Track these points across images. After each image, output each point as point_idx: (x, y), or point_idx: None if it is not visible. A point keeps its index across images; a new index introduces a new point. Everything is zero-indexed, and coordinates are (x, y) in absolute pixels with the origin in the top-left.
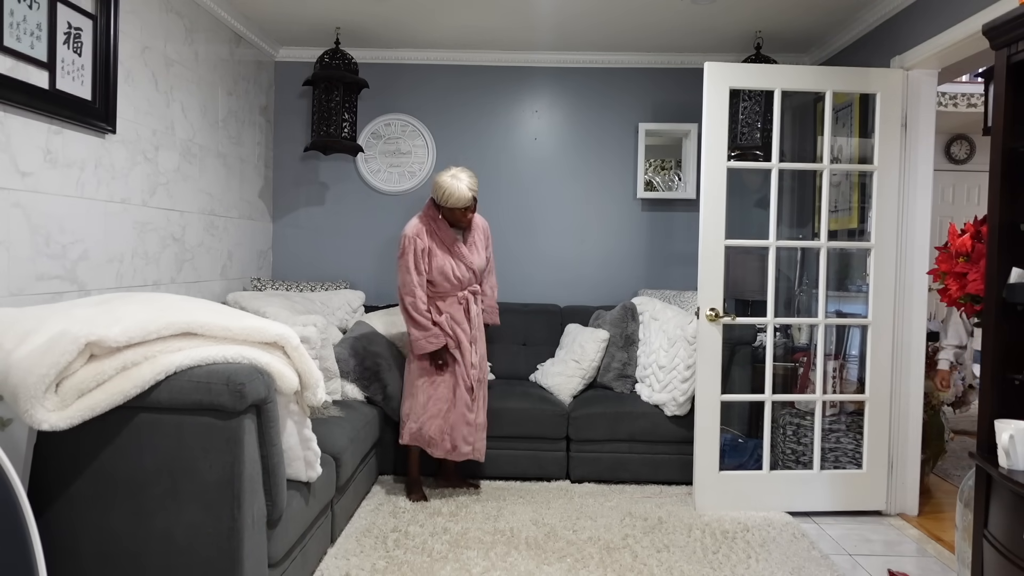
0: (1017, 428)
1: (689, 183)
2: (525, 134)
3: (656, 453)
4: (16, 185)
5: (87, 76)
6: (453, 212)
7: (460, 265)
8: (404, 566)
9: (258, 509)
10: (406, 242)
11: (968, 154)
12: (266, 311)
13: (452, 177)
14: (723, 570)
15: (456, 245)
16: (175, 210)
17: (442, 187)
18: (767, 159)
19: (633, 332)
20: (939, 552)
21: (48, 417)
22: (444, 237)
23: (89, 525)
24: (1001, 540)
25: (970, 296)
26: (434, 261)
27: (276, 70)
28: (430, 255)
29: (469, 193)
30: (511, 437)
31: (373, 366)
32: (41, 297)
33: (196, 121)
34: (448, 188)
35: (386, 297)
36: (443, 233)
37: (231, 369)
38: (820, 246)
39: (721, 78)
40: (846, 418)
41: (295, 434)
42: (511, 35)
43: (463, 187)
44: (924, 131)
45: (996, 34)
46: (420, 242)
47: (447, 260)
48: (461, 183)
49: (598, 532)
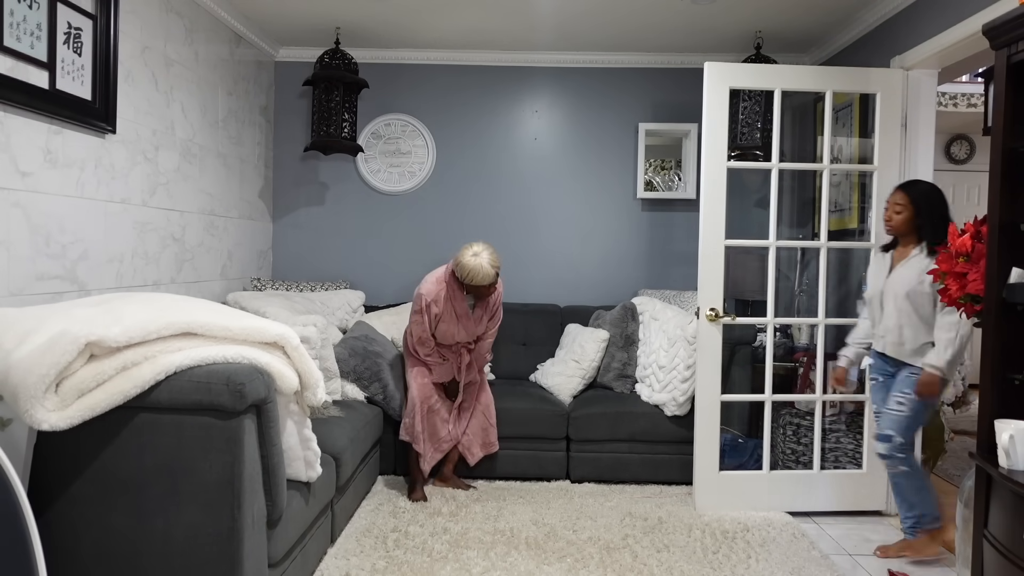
0: (1017, 428)
1: (689, 183)
2: (525, 134)
3: (656, 453)
4: (16, 185)
5: (87, 76)
6: (477, 289)
7: (462, 331)
8: (404, 566)
9: (258, 509)
10: (422, 303)
11: (968, 154)
12: (266, 311)
13: (474, 256)
14: (723, 570)
15: (467, 318)
16: (175, 210)
17: (465, 268)
18: (767, 159)
19: (633, 332)
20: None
21: (48, 417)
22: (458, 307)
23: (89, 525)
24: (1001, 540)
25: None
26: (441, 325)
27: (276, 70)
28: (439, 320)
29: (492, 271)
30: (511, 437)
31: (373, 366)
32: (41, 297)
33: (196, 121)
34: (470, 268)
35: (386, 297)
36: (458, 304)
37: (231, 369)
38: (820, 246)
39: (721, 78)
40: (846, 418)
41: (295, 434)
42: (511, 35)
43: (485, 265)
44: (924, 131)
45: (996, 34)
46: (435, 308)
47: (452, 325)
48: (483, 261)
49: (598, 532)
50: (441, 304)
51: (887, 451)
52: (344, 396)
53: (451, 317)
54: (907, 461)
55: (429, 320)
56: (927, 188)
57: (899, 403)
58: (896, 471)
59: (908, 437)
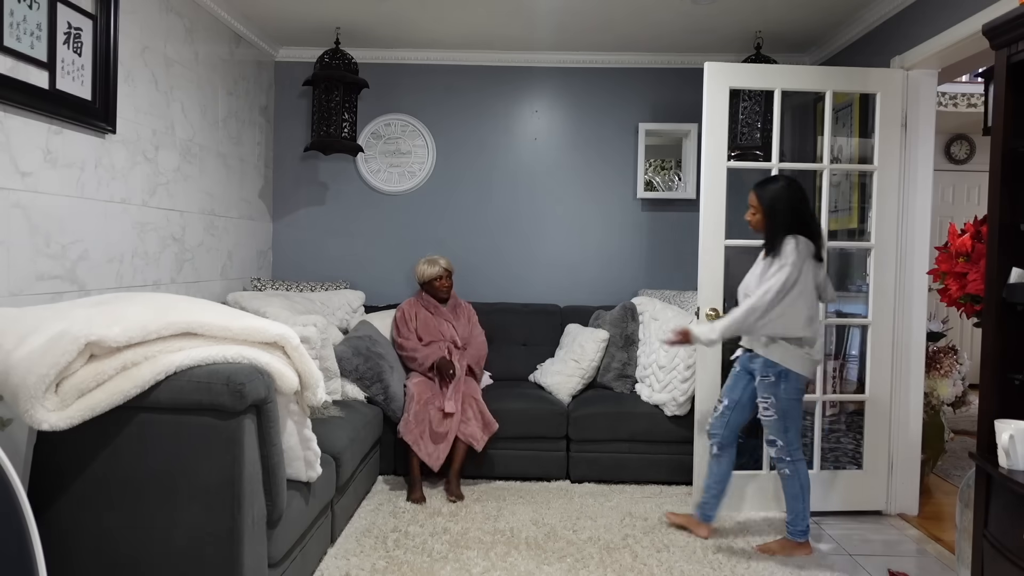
0: (1017, 428)
1: (689, 183)
2: (525, 134)
3: (656, 453)
4: (16, 185)
5: (87, 76)
6: (431, 284)
7: (445, 324)
8: (404, 566)
9: (258, 509)
10: (396, 314)
11: (968, 154)
12: (266, 311)
13: (426, 261)
14: (723, 570)
15: (439, 314)
16: (175, 210)
17: (418, 269)
18: (767, 159)
19: (633, 332)
20: (939, 552)
21: (48, 417)
22: (429, 307)
23: (89, 525)
24: (1001, 540)
25: (970, 296)
26: (420, 318)
27: (276, 70)
28: (417, 319)
29: (440, 267)
30: (511, 437)
31: (376, 367)
32: (41, 297)
33: (196, 121)
34: (422, 268)
35: (386, 297)
36: (429, 305)
37: (231, 369)
38: None
39: (721, 78)
40: (846, 418)
41: (295, 434)
42: (511, 35)
43: (436, 266)
44: (924, 131)
45: (996, 34)
46: (408, 311)
47: (432, 320)
48: (435, 264)
49: (598, 532)
50: (411, 308)
51: (775, 455)
52: (344, 396)
53: (426, 316)
54: (791, 466)
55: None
56: (775, 189)
57: (765, 409)
58: (781, 473)
59: (786, 438)
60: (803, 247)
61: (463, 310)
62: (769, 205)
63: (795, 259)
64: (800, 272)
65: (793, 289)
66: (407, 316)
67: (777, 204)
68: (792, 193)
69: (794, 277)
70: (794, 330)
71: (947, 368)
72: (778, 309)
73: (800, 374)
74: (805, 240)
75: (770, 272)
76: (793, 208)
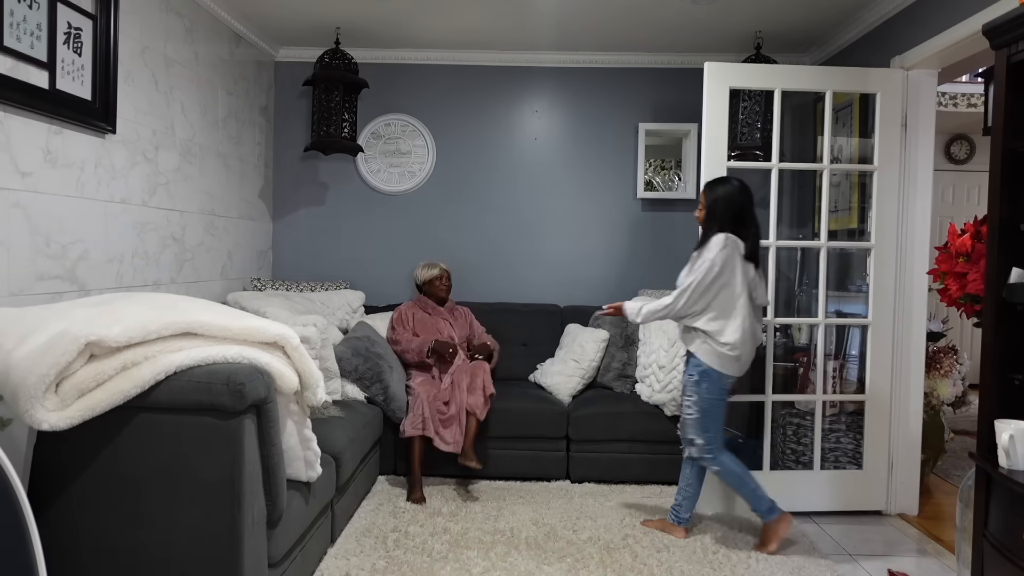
0: (1017, 428)
1: (689, 183)
2: (525, 134)
3: (656, 453)
4: (16, 185)
5: (87, 76)
6: (431, 284)
7: (442, 323)
8: (404, 566)
9: (258, 509)
10: (393, 315)
11: (968, 154)
12: (266, 311)
13: (424, 265)
14: (723, 570)
15: (437, 315)
16: (175, 210)
17: (416, 272)
18: (767, 159)
19: (633, 332)
20: (939, 552)
21: (48, 417)
22: (428, 308)
23: (89, 525)
24: (1001, 540)
25: (970, 296)
26: (417, 318)
27: (276, 70)
28: (415, 319)
29: (438, 270)
30: (511, 437)
31: (375, 367)
32: (41, 297)
33: (196, 121)
34: (419, 271)
35: (386, 297)
36: (427, 306)
37: (231, 369)
38: (820, 246)
39: (721, 78)
40: (846, 418)
41: (295, 434)
42: (511, 35)
43: (434, 268)
44: (924, 131)
45: (996, 34)
46: (406, 311)
47: (429, 319)
48: (433, 267)
49: (598, 532)
50: (409, 309)
51: (696, 454)
52: (344, 396)
53: (423, 316)
54: (716, 461)
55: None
56: (722, 192)
57: (687, 407)
58: (711, 471)
59: (707, 437)
60: (730, 244)
61: (460, 312)
62: (711, 203)
63: (717, 254)
64: (723, 268)
65: (715, 283)
66: (404, 316)
67: (718, 203)
68: (738, 195)
69: (715, 271)
70: (715, 327)
71: (947, 368)
72: (700, 303)
73: (723, 373)
74: (735, 239)
75: (696, 265)
76: (734, 209)
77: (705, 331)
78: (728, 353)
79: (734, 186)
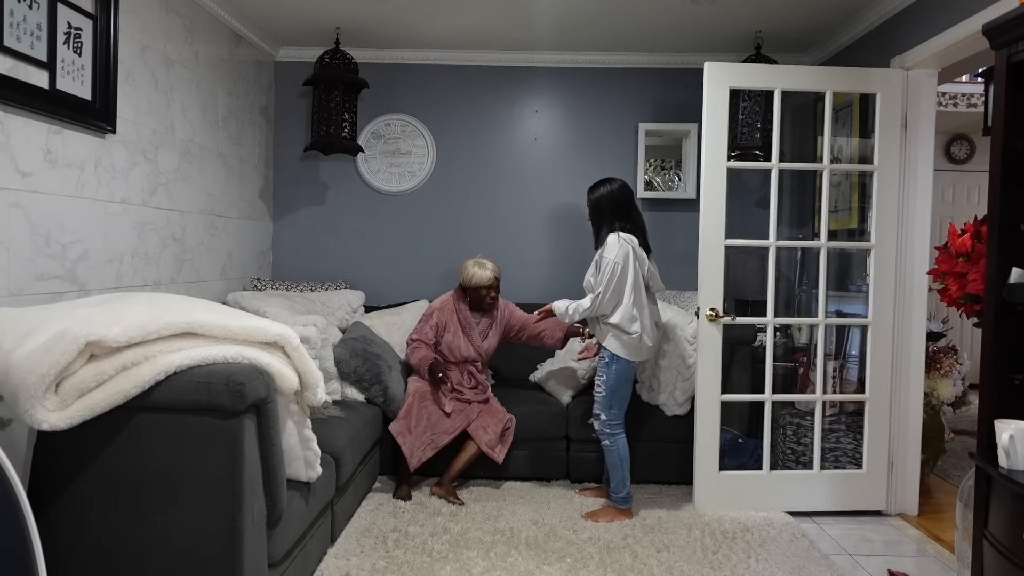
0: (1017, 428)
1: (689, 183)
2: (525, 134)
3: (656, 453)
4: (16, 185)
5: (87, 76)
6: (477, 291)
7: (469, 346)
8: (404, 566)
9: (258, 509)
10: (431, 310)
11: (968, 154)
12: (266, 311)
13: (475, 263)
14: (723, 570)
15: (471, 329)
16: (175, 210)
17: (466, 270)
18: (767, 159)
19: None
20: (939, 552)
21: (48, 417)
22: (463, 319)
23: (89, 525)
24: (1001, 540)
25: (970, 296)
26: (446, 336)
27: (276, 70)
28: (445, 329)
29: (491, 274)
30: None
31: (374, 368)
32: (41, 297)
33: (196, 121)
34: (471, 270)
35: (386, 297)
36: (463, 316)
37: (231, 369)
38: (820, 246)
39: (721, 78)
40: (846, 418)
41: (295, 434)
42: (511, 35)
43: (486, 271)
44: (924, 131)
45: (996, 34)
46: (441, 315)
47: (458, 338)
48: (485, 268)
49: (598, 532)
50: (446, 314)
51: (597, 427)
52: (344, 396)
53: (455, 327)
54: (613, 438)
55: (436, 324)
56: (602, 193)
57: (598, 386)
58: (603, 446)
59: (611, 414)
60: (624, 241)
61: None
62: (596, 203)
63: (616, 253)
64: (624, 265)
65: (620, 281)
66: (439, 322)
67: (603, 201)
68: (619, 193)
69: (619, 270)
70: (623, 319)
71: (947, 368)
72: (612, 301)
73: (628, 360)
74: (627, 236)
75: (602, 265)
76: (618, 205)
77: (616, 324)
78: (636, 342)
79: (615, 185)
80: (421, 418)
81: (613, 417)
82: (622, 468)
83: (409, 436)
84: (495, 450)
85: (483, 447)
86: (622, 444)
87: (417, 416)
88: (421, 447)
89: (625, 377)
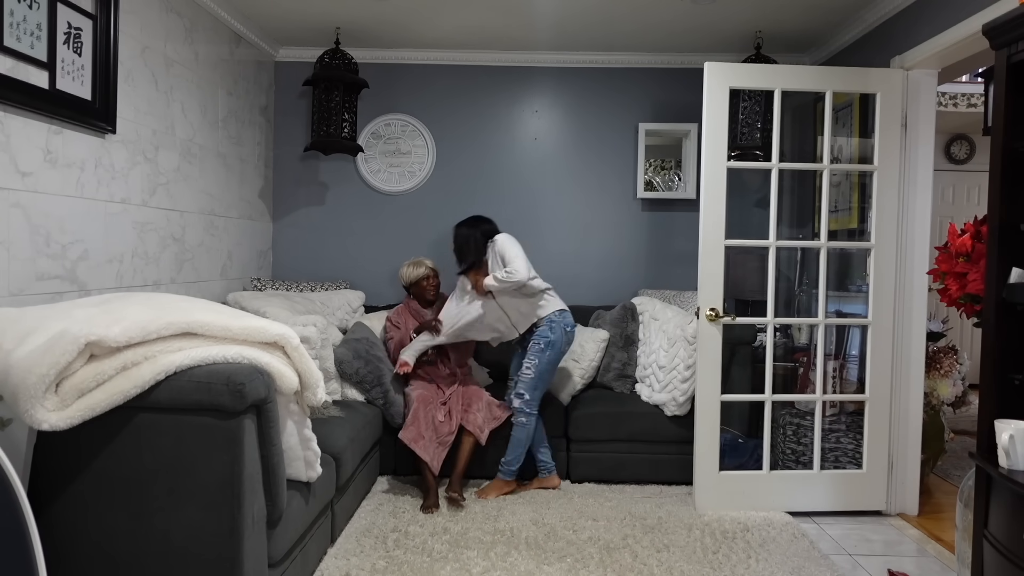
0: (1017, 428)
1: (689, 183)
2: (525, 134)
3: (656, 453)
4: (16, 185)
5: (87, 76)
6: (418, 285)
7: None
8: (404, 566)
9: (258, 509)
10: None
11: (968, 154)
12: (266, 311)
13: (409, 263)
14: (723, 570)
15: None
16: (175, 210)
17: (402, 272)
18: (767, 159)
19: (633, 332)
20: (939, 552)
21: (48, 417)
22: (415, 314)
23: (89, 525)
24: (1001, 540)
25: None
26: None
27: (276, 70)
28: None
29: (424, 270)
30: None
31: (376, 370)
32: (41, 297)
33: (196, 121)
34: (405, 270)
35: (386, 297)
36: (415, 311)
37: (231, 369)
38: (820, 246)
39: (721, 78)
40: (846, 418)
41: (295, 434)
42: (511, 35)
43: (420, 268)
44: (924, 131)
45: (996, 34)
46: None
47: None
48: (419, 266)
49: (598, 532)
50: (401, 316)
51: (517, 404)
52: (344, 396)
53: (413, 324)
54: (528, 417)
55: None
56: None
57: (527, 367)
58: (517, 422)
59: (534, 395)
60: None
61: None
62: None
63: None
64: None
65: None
66: (396, 323)
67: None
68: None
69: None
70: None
71: (947, 368)
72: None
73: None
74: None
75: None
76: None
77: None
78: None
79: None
80: (428, 423)
81: (536, 399)
82: (524, 446)
83: (423, 441)
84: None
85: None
86: (537, 423)
87: (424, 421)
88: (434, 449)
89: (555, 365)
